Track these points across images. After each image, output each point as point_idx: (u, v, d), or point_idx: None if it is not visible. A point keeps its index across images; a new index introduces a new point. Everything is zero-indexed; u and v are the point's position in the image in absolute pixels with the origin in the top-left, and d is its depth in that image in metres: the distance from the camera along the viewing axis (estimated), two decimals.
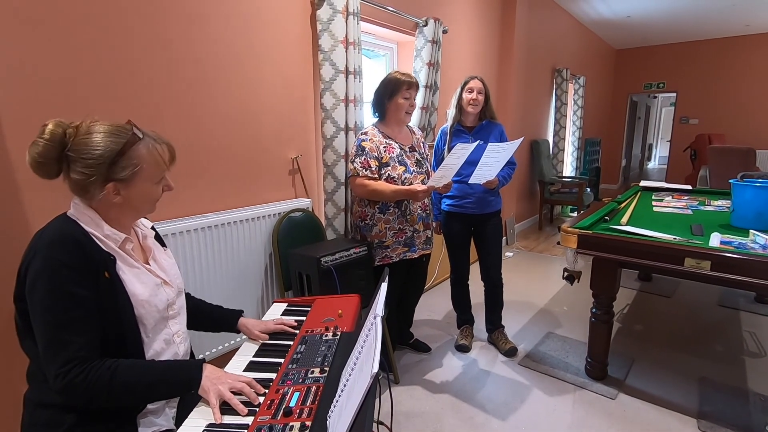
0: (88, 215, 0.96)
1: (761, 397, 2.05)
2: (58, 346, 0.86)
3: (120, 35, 1.57)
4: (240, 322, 1.28)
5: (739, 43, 7.23)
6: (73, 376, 0.85)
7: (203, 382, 0.94)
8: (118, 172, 0.93)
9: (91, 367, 0.87)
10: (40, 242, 0.90)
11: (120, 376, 0.89)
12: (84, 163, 0.90)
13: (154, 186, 1.00)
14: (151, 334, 1.01)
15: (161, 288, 1.05)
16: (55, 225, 0.93)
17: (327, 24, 2.21)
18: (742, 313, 3.00)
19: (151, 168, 0.97)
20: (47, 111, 1.41)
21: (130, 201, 0.97)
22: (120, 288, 0.95)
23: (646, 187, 3.46)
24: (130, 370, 0.91)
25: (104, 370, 0.88)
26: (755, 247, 1.74)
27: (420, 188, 1.93)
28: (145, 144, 0.96)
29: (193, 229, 1.79)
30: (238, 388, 0.93)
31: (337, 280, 1.87)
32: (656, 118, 12.78)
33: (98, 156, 0.90)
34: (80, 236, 0.92)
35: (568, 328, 2.79)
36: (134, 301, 0.97)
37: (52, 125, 0.90)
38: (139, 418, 1.00)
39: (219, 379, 0.95)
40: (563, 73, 5.59)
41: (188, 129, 1.82)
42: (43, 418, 0.94)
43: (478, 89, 2.27)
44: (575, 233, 2.00)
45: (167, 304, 1.05)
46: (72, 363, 0.86)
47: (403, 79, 2.02)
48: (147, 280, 1.02)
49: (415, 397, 2.09)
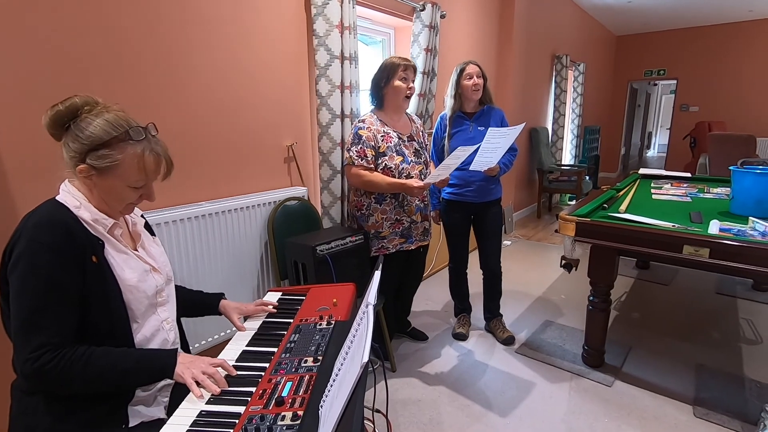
0: (76, 199, 0.95)
1: (757, 384, 2.05)
2: (31, 331, 0.85)
3: (111, 23, 1.52)
4: (221, 304, 1.29)
5: (742, 28, 7.14)
6: (45, 362, 0.84)
7: (177, 367, 0.95)
8: (95, 159, 0.92)
9: (63, 354, 0.86)
10: (27, 224, 0.89)
11: (94, 362, 0.89)
12: (74, 137, 0.92)
13: (126, 188, 0.97)
14: (140, 320, 1.01)
15: (150, 274, 1.04)
16: (43, 208, 0.93)
17: (322, 8, 2.16)
18: (739, 301, 3.00)
19: (129, 170, 0.94)
20: (35, 101, 1.37)
21: (100, 191, 0.96)
22: (108, 273, 0.95)
23: (645, 174, 3.44)
24: (103, 357, 0.91)
25: (77, 357, 0.87)
26: (754, 234, 1.73)
27: (416, 184, 1.89)
28: (138, 147, 0.94)
29: (188, 217, 1.77)
30: (210, 373, 0.95)
31: (333, 269, 1.86)
32: (656, 106, 12.69)
33: (86, 136, 0.91)
34: (68, 219, 0.91)
35: (565, 316, 2.79)
36: (122, 286, 0.97)
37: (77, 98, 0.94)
38: (131, 407, 0.99)
39: (192, 363, 0.97)
40: (563, 59, 5.53)
41: (181, 116, 1.78)
42: (32, 406, 0.93)
43: (477, 74, 2.22)
44: (573, 221, 1.98)
45: (156, 290, 1.05)
46: (44, 348, 0.85)
47: (399, 61, 1.97)
48: (135, 265, 1.01)
49: (412, 386, 2.09)
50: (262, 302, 1.31)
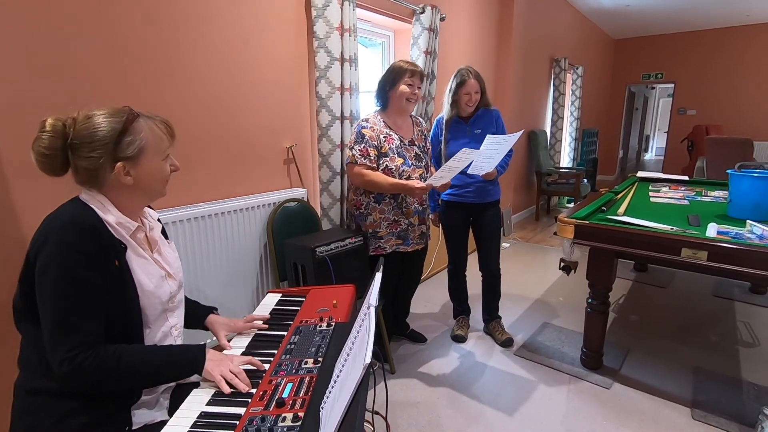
0: (99, 201, 0.96)
1: (755, 387, 2.06)
2: (66, 331, 0.86)
3: (110, 25, 1.53)
4: (208, 319, 1.24)
5: (739, 33, 7.18)
6: (81, 360, 0.86)
7: (206, 364, 0.97)
8: (125, 150, 0.93)
9: (96, 352, 0.88)
10: (53, 225, 0.89)
11: (126, 359, 0.90)
12: (89, 147, 0.90)
13: (161, 163, 1.00)
14: (152, 326, 1.02)
15: (165, 280, 1.05)
16: (68, 209, 0.93)
17: (322, 10, 2.17)
18: (736, 304, 3.01)
19: (155, 143, 0.97)
20: (35, 101, 1.37)
21: (141, 181, 0.97)
22: (128, 277, 0.96)
23: (643, 177, 3.45)
24: (135, 354, 0.93)
25: (110, 355, 0.89)
26: (752, 238, 1.74)
27: (418, 185, 1.90)
28: (143, 120, 0.97)
29: (187, 218, 1.77)
30: (237, 372, 0.96)
31: (332, 270, 1.86)
32: (653, 109, 12.74)
33: (102, 136, 0.91)
34: (95, 221, 0.92)
35: (564, 318, 2.79)
36: (140, 291, 0.97)
37: (50, 119, 0.91)
38: (134, 409, 0.99)
39: (221, 361, 0.98)
40: (562, 62, 5.55)
41: (180, 117, 1.78)
42: (34, 406, 0.93)
43: (475, 90, 2.23)
44: (572, 223, 1.99)
45: (170, 296, 1.06)
46: (79, 348, 0.86)
47: (406, 66, 1.99)
48: (153, 271, 1.02)
49: (411, 388, 2.09)
50: (252, 318, 1.24)
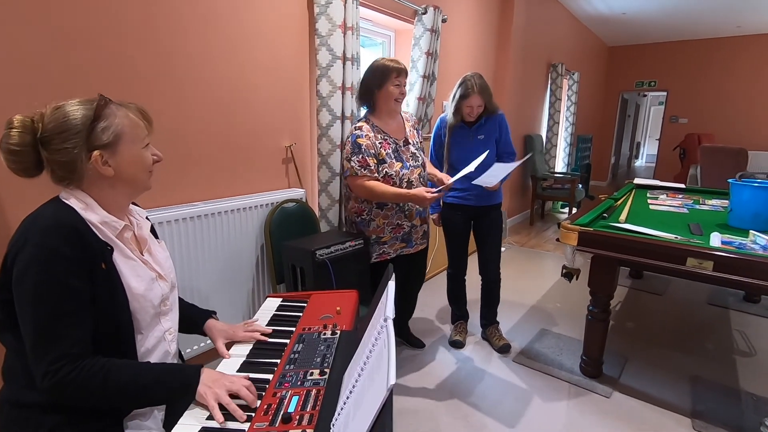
0: (82, 200, 0.88)
1: (753, 397, 2.06)
2: (49, 341, 0.79)
3: (109, 23, 1.46)
4: (207, 324, 1.16)
5: (730, 44, 7.28)
6: (64, 374, 0.78)
7: (199, 387, 0.87)
8: (100, 137, 0.86)
9: (82, 366, 0.80)
10: (32, 228, 0.82)
11: (114, 376, 0.82)
12: (61, 137, 0.84)
13: (141, 151, 0.93)
14: (144, 331, 0.95)
15: (156, 282, 0.97)
16: (48, 210, 0.85)
17: (325, 7, 2.12)
18: (731, 312, 3.02)
19: (132, 129, 0.90)
20: (35, 102, 1.30)
21: (122, 171, 0.90)
22: (116, 280, 0.88)
23: (639, 184, 3.46)
24: (124, 370, 0.84)
25: (97, 370, 0.81)
26: (755, 248, 1.73)
27: (429, 196, 1.83)
28: (116, 107, 0.90)
29: (182, 218, 1.71)
30: (235, 390, 0.87)
31: (333, 275, 1.81)
32: (645, 117, 12.90)
33: (74, 125, 0.84)
34: (78, 223, 0.84)
35: (561, 325, 2.77)
36: (130, 295, 0.90)
37: (18, 115, 0.85)
38: (127, 421, 0.93)
39: (216, 383, 0.88)
40: (558, 68, 5.56)
41: (177, 114, 1.72)
42: (21, 419, 0.86)
43: (477, 104, 2.20)
44: (576, 230, 1.96)
45: (161, 299, 0.98)
46: (63, 360, 0.79)
47: (393, 65, 1.91)
48: (143, 273, 0.95)
49: (410, 394, 2.04)
50: (253, 328, 1.15)
